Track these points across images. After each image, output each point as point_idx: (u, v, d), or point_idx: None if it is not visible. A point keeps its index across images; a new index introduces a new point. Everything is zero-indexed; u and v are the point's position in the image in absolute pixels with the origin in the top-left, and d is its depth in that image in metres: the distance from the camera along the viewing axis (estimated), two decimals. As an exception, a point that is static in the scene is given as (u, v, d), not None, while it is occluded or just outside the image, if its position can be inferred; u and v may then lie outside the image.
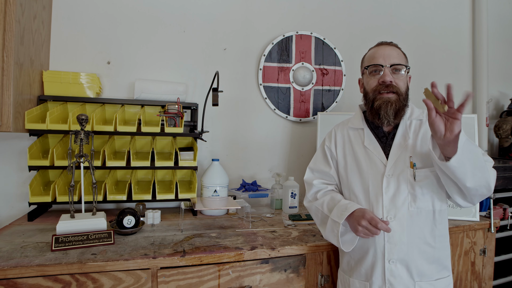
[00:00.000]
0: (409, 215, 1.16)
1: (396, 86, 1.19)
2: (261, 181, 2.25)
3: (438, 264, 1.18)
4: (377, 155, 1.23)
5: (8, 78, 1.43)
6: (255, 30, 2.24)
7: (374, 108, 1.21)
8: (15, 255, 1.19)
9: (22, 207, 1.82)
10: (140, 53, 2.03)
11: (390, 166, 1.19)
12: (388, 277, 1.16)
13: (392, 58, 1.20)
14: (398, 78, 1.20)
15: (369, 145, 1.25)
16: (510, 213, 2.08)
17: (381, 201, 1.18)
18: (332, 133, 1.40)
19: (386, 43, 1.25)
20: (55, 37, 1.88)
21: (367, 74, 1.26)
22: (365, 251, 1.22)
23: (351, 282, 1.26)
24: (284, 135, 2.32)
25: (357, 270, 1.25)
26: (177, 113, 1.82)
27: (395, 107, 1.19)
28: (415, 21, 2.63)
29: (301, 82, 2.29)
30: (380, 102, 1.19)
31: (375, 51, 1.24)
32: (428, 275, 1.17)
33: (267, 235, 1.53)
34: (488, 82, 2.75)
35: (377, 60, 1.21)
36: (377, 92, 1.21)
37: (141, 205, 1.76)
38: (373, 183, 1.21)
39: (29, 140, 1.83)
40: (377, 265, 1.18)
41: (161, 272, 1.23)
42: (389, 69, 1.19)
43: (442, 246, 1.19)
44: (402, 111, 1.22)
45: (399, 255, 1.15)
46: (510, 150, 2.74)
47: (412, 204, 1.16)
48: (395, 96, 1.19)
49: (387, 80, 1.18)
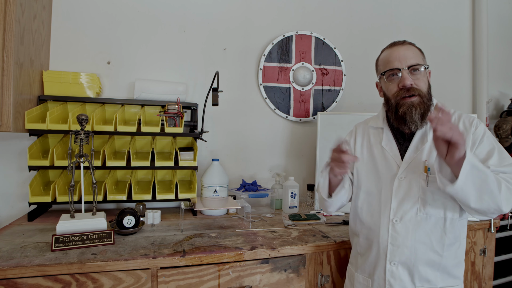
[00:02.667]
0: (416, 220, 1.13)
1: (418, 88, 1.14)
2: (261, 181, 2.25)
3: (444, 272, 1.14)
4: (393, 155, 1.20)
5: (8, 78, 1.43)
6: (255, 30, 2.24)
7: (400, 115, 1.16)
8: (15, 255, 1.19)
9: (22, 207, 1.82)
10: (140, 53, 2.03)
11: (404, 169, 1.17)
12: (388, 278, 1.16)
13: (409, 59, 1.14)
14: (418, 78, 1.15)
15: (387, 145, 1.23)
16: (510, 213, 2.08)
17: (389, 202, 1.17)
18: (353, 129, 1.41)
19: (399, 43, 1.19)
20: (55, 37, 1.88)
21: (384, 79, 1.21)
22: (370, 248, 1.22)
23: (356, 277, 1.28)
24: (284, 135, 2.32)
25: (362, 265, 1.26)
26: (177, 113, 1.82)
27: (420, 111, 1.13)
28: (415, 21, 2.63)
29: (301, 82, 2.29)
30: (404, 108, 1.14)
31: (390, 53, 1.19)
32: (432, 281, 1.14)
33: (267, 235, 1.53)
34: (488, 82, 2.74)
35: (392, 64, 1.16)
36: (400, 97, 1.15)
37: (141, 205, 1.76)
38: (385, 183, 1.19)
39: (29, 140, 1.83)
40: (379, 264, 1.18)
41: (161, 272, 1.23)
42: (407, 71, 1.14)
43: (450, 255, 1.14)
44: (428, 111, 1.15)
45: (401, 258, 1.14)
46: (510, 150, 2.74)
47: (421, 209, 1.12)
48: (418, 98, 1.13)
49: (407, 84, 1.13)
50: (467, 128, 1.15)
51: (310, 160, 2.34)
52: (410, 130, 1.17)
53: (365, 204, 1.25)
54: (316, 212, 1.95)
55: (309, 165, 2.34)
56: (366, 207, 1.25)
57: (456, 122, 1.17)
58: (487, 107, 2.73)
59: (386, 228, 1.16)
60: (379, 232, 1.18)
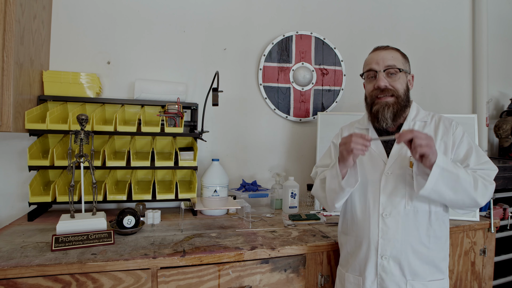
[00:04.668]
0: (405, 214, 1.17)
1: (393, 89, 1.21)
2: (261, 181, 2.25)
3: (432, 265, 1.19)
4: (379, 153, 1.26)
5: (8, 78, 1.43)
6: (255, 30, 2.24)
7: (373, 112, 1.25)
8: (15, 255, 1.19)
9: (22, 207, 1.82)
10: (140, 53, 2.03)
11: (390, 165, 1.22)
12: (380, 273, 1.19)
13: (386, 61, 1.21)
14: (395, 80, 1.22)
15: (372, 144, 1.27)
16: (510, 213, 2.08)
17: (378, 197, 1.21)
18: (339, 132, 1.46)
19: (382, 48, 1.27)
20: (55, 37, 1.88)
21: (365, 79, 1.30)
22: (359, 245, 1.24)
23: (346, 277, 1.29)
24: (284, 135, 2.32)
25: (352, 264, 1.27)
26: (177, 113, 1.82)
27: (393, 110, 1.21)
28: (415, 21, 2.63)
29: (301, 82, 2.29)
30: (377, 106, 1.23)
31: (371, 56, 1.27)
32: (422, 275, 1.17)
33: (267, 235, 1.53)
34: (488, 82, 2.74)
35: (371, 66, 1.24)
36: (375, 96, 1.24)
37: (141, 205, 1.76)
38: (372, 180, 1.24)
39: (29, 140, 1.83)
40: (370, 260, 1.20)
41: (161, 272, 1.23)
42: (383, 73, 1.21)
43: (436, 248, 1.19)
44: (402, 112, 1.24)
45: (392, 252, 1.17)
46: (510, 150, 2.74)
47: (409, 202, 1.17)
48: (393, 99, 1.21)
49: (381, 85, 1.21)
50: (447, 128, 1.23)
51: (310, 160, 2.34)
52: (383, 127, 1.25)
53: (355, 202, 1.28)
54: (316, 212, 1.95)
55: (309, 165, 2.34)
56: (356, 204, 1.28)
57: (436, 124, 1.25)
58: (487, 107, 2.73)
59: (376, 223, 1.20)
60: (369, 228, 1.21)
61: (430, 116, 1.28)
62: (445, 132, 1.22)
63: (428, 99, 2.65)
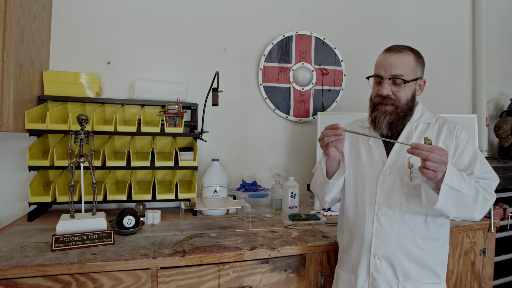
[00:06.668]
0: (401, 214, 1.17)
1: (394, 98, 1.20)
2: (261, 181, 2.25)
3: (426, 268, 1.17)
4: (379, 153, 1.25)
5: (8, 78, 1.43)
6: (255, 29, 2.24)
7: (372, 117, 1.26)
8: (15, 255, 1.19)
9: (22, 207, 1.82)
10: (140, 53, 2.03)
11: (389, 165, 1.21)
12: (372, 272, 1.19)
13: (394, 69, 1.18)
14: (399, 90, 1.19)
15: (374, 143, 1.28)
16: (510, 213, 2.08)
17: (374, 197, 1.21)
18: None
19: (394, 50, 1.21)
20: (55, 37, 1.88)
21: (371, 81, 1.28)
22: (353, 243, 1.25)
23: (339, 274, 1.29)
24: (284, 135, 2.32)
25: (346, 262, 1.28)
26: (177, 113, 1.82)
27: (389, 119, 1.21)
28: (415, 21, 2.63)
29: (301, 82, 2.29)
30: (376, 113, 1.23)
31: (381, 58, 1.23)
32: (415, 277, 1.16)
33: (267, 235, 1.53)
34: (488, 82, 2.74)
35: (378, 71, 1.22)
36: (377, 103, 1.23)
37: (141, 205, 1.76)
38: (370, 179, 1.24)
39: (29, 140, 1.83)
40: (363, 259, 1.20)
41: (161, 272, 1.23)
42: (389, 81, 1.19)
43: (432, 251, 1.18)
44: (400, 121, 1.22)
45: (385, 252, 1.17)
46: (510, 150, 2.74)
47: (405, 204, 1.16)
48: (392, 108, 1.21)
49: (383, 93, 1.20)
50: (451, 132, 1.22)
51: (310, 160, 2.34)
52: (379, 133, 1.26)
53: (351, 200, 1.28)
54: (316, 212, 1.95)
55: (309, 165, 2.34)
56: (352, 202, 1.28)
57: (440, 126, 1.24)
58: (487, 107, 2.73)
59: (371, 221, 1.20)
60: (364, 226, 1.21)
61: (434, 118, 1.27)
62: (448, 135, 1.21)
63: (428, 99, 2.65)
